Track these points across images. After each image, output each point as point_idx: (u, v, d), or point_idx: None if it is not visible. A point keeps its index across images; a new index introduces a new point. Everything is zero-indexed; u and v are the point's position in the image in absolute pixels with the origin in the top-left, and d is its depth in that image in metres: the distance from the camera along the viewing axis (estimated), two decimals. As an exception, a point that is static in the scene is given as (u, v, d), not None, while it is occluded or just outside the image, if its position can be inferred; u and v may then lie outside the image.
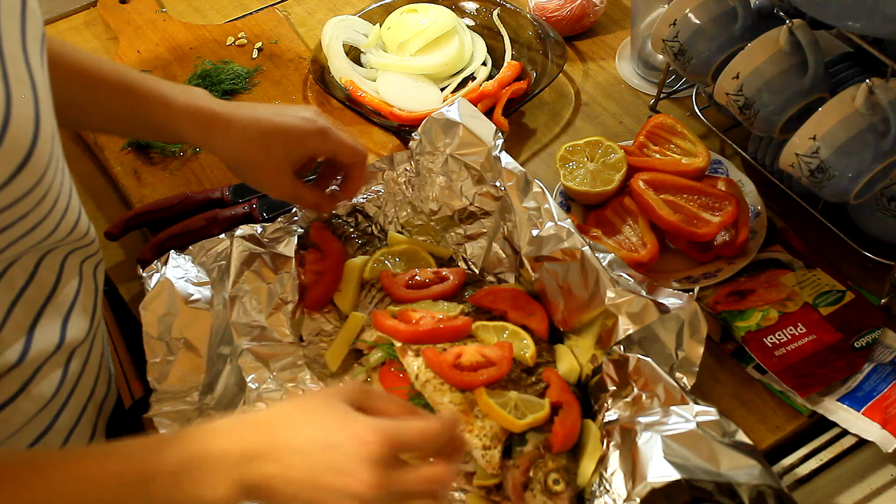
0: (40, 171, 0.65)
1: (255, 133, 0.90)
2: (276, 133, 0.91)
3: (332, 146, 0.94)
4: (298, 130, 0.91)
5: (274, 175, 0.93)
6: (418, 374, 0.90)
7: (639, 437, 0.79)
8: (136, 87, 0.90)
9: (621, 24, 1.41)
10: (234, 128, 0.90)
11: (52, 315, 0.76)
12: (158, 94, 0.90)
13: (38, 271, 0.74)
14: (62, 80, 0.86)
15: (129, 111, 0.91)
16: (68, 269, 0.78)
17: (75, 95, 0.89)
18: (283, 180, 0.93)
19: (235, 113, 0.91)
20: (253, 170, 0.93)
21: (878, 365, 0.96)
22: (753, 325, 0.98)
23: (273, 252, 1.02)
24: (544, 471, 0.83)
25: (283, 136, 0.91)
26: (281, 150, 0.91)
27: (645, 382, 0.85)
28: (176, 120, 0.90)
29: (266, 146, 0.91)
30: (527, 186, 1.00)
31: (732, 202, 1.06)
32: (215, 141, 0.91)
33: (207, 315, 0.97)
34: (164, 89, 0.90)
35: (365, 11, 1.39)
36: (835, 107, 0.94)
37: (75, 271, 0.79)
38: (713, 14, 1.06)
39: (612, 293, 0.88)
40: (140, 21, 1.42)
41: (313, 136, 0.92)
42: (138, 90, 0.90)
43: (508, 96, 1.24)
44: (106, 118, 0.93)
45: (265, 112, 0.92)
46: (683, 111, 1.27)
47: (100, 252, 0.84)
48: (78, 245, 0.78)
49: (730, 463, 0.75)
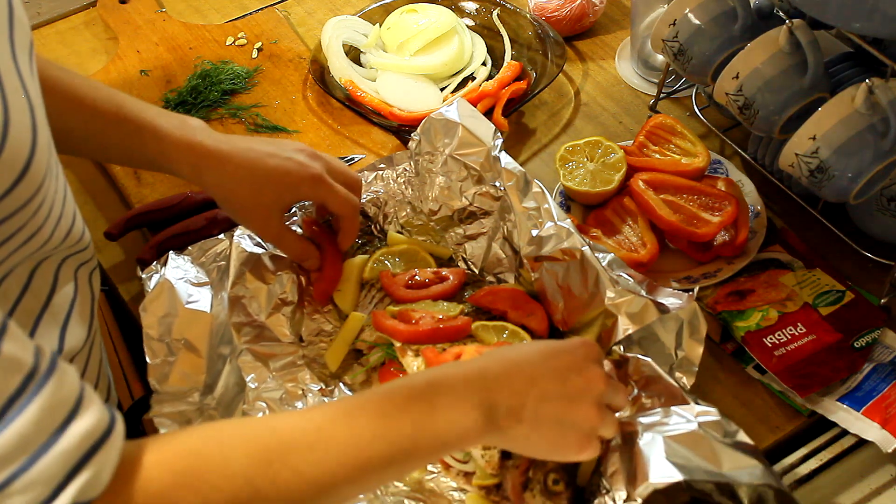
0: (39, 179, 0.65)
1: (245, 175, 0.90)
2: (267, 176, 0.90)
3: (324, 195, 0.93)
4: (290, 176, 0.91)
5: (262, 218, 0.93)
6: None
7: (640, 438, 0.78)
8: (130, 120, 0.89)
9: (621, 24, 1.41)
10: (225, 167, 0.90)
11: (49, 324, 0.76)
12: (151, 128, 0.89)
13: (32, 281, 0.73)
14: (59, 108, 0.86)
15: (123, 143, 0.90)
16: (63, 277, 0.78)
17: (71, 124, 0.89)
18: (271, 224, 0.94)
19: (228, 151, 0.90)
20: (241, 210, 0.93)
21: (878, 365, 0.96)
22: (753, 325, 0.98)
23: (273, 252, 1.02)
24: (544, 471, 0.83)
25: (274, 180, 0.91)
26: (271, 194, 0.91)
27: (645, 382, 0.85)
28: (168, 154, 0.90)
29: (256, 189, 0.91)
30: (526, 186, 1.00)
31: (732, 202, 1.06)
32: (206, 178, 0.91)
33: (207, 315, 0.97)
34: (158, 122, 0.90)
35: (365, 11, 1.39)
36: (835, 107, 0.94)
37: (70, 279, 0.79)
38: (713, 14, 1.06)
39: (611, 293, 0.88)
40: (140, 21, 1.42)
41: (305, 182, 0.92)
42: (132, 122, 0.89)
43: (508, 96, 1.24)
44: (100, 148, 0.93)
45: (258, 152, 0.91)
46: (683, 111, 1.27)
47: (94, 258, 0.84)
48: (72, 251, 0.78)
49: (732, 463, 0.75)
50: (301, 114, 1.28)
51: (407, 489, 0.88)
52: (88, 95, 0.89)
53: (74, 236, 0.77)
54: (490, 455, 0.84)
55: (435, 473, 0.90)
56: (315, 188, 0.92)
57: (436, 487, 0.89)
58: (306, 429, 0.65)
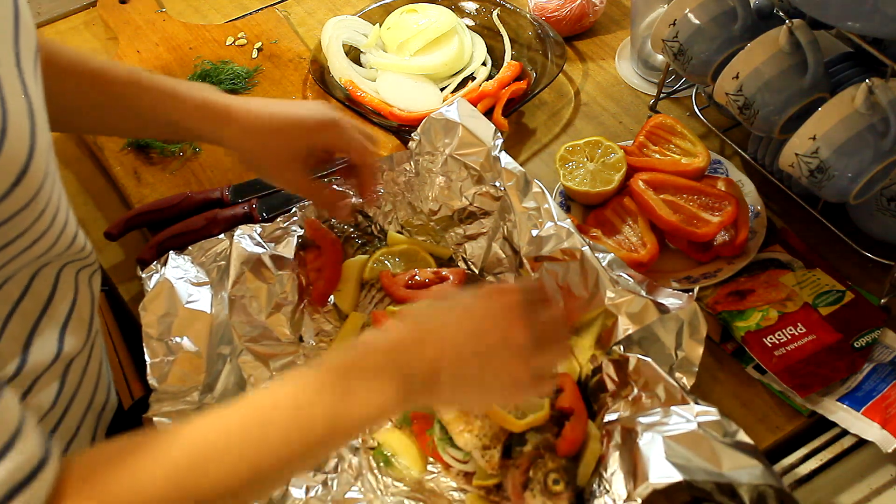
0: (37, 183, 0.65)
1: (264, 125, 0.91)
2: (285, 124, 0.91)
3: (337, 139, 0.93)
4: (308, 121, 0.92)
5: (286, 167, 0.93)
6: (418, 374, 0.90)
7: (640, 438, 0.79)
8: (146, 85, 0.90)
9: (621, 24, 1.41)
10: (244, 121, 0.90)
11: (49, 327, 0.76)
12: (169, 91, 0.90)
13: (32, 284, 0.73)
14: (80, 87, 0.88)
15: (141, 109, 0.91)
16: (64, 280, 0.78)
17: (86, 99, 0.90)
18: (296, 173, 0.93)
19: (246, 106, 0.91)
20: (264, 162, 0.93)
21: (878, 365, 0.95)
22: (753, 325, 0.98)
23: (273, 252, 1.02)
24: (544, 471, 0.83)
25: (292, 127, 0.91)
26: (291, 141, 0.91)
27: (645, 382, 0.85)
28: (187, 115, 0.91)
29: (276, 137, 0.91)
30: (526, 186, 1.00)
31: (732, 202, 1.06)
32: (226, 134, 0.91)
33: (207, 315, 0.97)
34: (174, 85, 0.91)
35: (365, 11, 1.39)
36: (835, 107, 0.94)
37: (71, 282, 0.79)
38: (713, 14, 1.06)
39: (611, 293, 0.88)
40: (140, 21, 1.42)
41: (323, 127, 0.92)
42: (148, 88, 0.90)
43: (508, 96, 1.24)
44: (117, 118, 0.93)
45: (276, 105, 0.93)
46: (683, 111, 1.27)
47: (96, 262, 0.84)
48: (75, 258, 0.78)
49: (731, 463, 0.75)
50: (301, 114, 1.28)
51: (407, 489, 0.88)
52: (108, 71, 0.90)
53: (78, 244, 0.78)
54: (490, 455, 0.84)
55: (435, 473, 0.90)
56: (333, 132, 0.92)
57: (436, 487, 0.89)
58: (218, 439, 0.65)
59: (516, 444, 0.85)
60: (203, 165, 1.21)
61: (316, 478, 0.88)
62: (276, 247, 1.04)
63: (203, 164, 1.21)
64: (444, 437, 0.88)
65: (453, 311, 0.73)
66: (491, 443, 0.84)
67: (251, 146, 0.92)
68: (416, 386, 0.70)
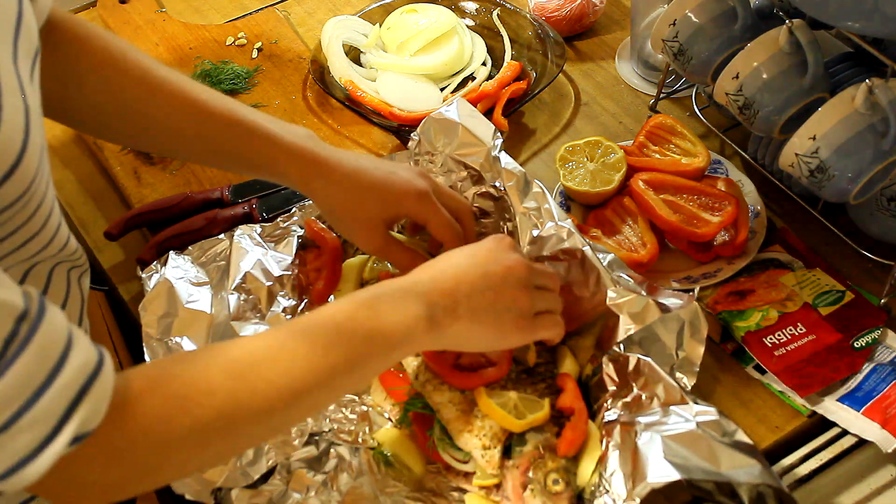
0: (28, 178, 0.65)
1: (353, 184, 0.90)
2: (373, 187, 0.90)
3: (427, 214, 0.91)
4: (396, 188, 0.90)
5: (365, 230, 0.91)
6: (418, 373, 0.90)
7: (638, 438, 0.79)
8: (243, 123, 0.89)
9: (621, 24, 1.41)
10: (333, 175, 0.90)
11: None
12: (264, 132, 0.89)
13: (25, 281, 0.74)
14: (168, 108, 0.88)
15: (234, 147, 0.90)
16: (56, 279, 0.78)
17: (181, 125, 0.90)
18: (375, 236, 0.92)
19: (337, 160, 0.90)
20: (346, 221, 0.92)
21: (878, 365, 0.95)
22: (753, 325, 0.98)
23: (273, 252, 1.02)
24: (544, 471, 0.83)
25: (378, 191, 0.90)
26: (374, 205, 0.90)
27: (645, 382, 0.85)
28: (278, 160, 0.90)
29: (361, 199, 0.90)
30: (527, 186, 1.00)
31: (732, 202, 1.06)
32: (314, 186, 0.90)
33: (207, 315, 0.97)
34: (270, 127, 0.90)
35: (365, 11, 1.39)
36: (834, 107, 0.94)
37: (63, 281, 0.80)
38: (713, 14, 1.06)
39: (613, 293, 0.88)
40: (140, 21, 1.42)
41: (411, 197, 0.90)
42: (244, 126, 0.89)
43: (508, 96, 1.24)
44: (208, 151, 0.92)
45: (367, 164, 0.92)
46: (683, 111, 1.27)
47: (86, 263, 0.84)
48: (65, 259, 0.79)
49: (730, 462, 0.75)
50: (301, 114, 1.28)
51: (407, 489, 0.88)
52: (200, 97, 0.89)
53: (71, 247, 0.79)
54: (490, 455, 0.84)
55: (435, 473, 0.90)
56: (419, 205, 0.90)
57: (436, 487, 0.89)
58: (271, 345, 0.71)
59: (516, 444, 0.85)
60: (203, 165, 1.21)
61: (316, 478, 0.88)
62: (276, 247, 1.04)
63: (203, 164, 1.21)
64: (444, 437, 0.88)
65: (461, 254, 0.82)
66: (491, 443, 0.85)
67: (334, 203, 0.91)
68: (438, 315, 0.76)
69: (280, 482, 0.87)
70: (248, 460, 0.87)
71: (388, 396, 0.94)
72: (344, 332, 0.73)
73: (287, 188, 1.14)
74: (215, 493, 0.85)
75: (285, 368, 0.69)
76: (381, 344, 0.74)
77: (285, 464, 0.88)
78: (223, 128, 0.89)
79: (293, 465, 0.88)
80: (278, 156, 0.89)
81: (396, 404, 0.93)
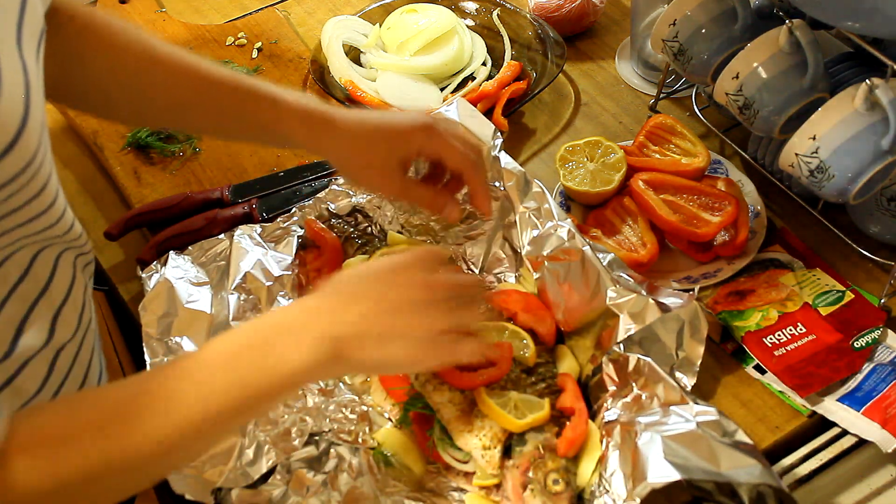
0: (29, 154, 0.67)
1: (359, 132, 0.90)
2: (379, 131, 0.91)
3: (438, 147, 0.91)
4: (402, 127, 0.91)
5: (381, 173, 0.91)
6: (418, 374, 0.90)
7: (638, 438, 0.79)
8: (247, 89, 0.90)
9: (621, 24, 1.41)
10: (339, 129, 0.90)
11: (43, 311, 0.77)
12: (269, 96, 0.90)
13: (32, 266, 0.75)
14: (174, 80, 0.89)
15: (238, 111, 0.91)
16: (62, 265, 0.79)
17: (186, 96, 0.91)
18: (392, 178, 0.91)
19: (341, 115, 0.91)
20: (360, 169, 0.93)
21: (878, 365, 0.95)
22: (753, 325, 0.98)
23: (273, 252, 1.02)
24: (544, 471, 0.83)
25: (386, 133, 0.91)
26: (385, 147, 0.91)
27: (645, 382, 0.85)
28: (284, 120, 0.90)
29: (370, 144, 0.91)
30: (527, 186, 1.00)
31: (732, 202, 1.06)
32: (322, 142, 0.91)
33: (207, 315, 0.97)
34: (274, 91, 0.91)
35: (365, 11, 1.39)
36: (834, 107, 0.94)
37: (69, 267, 0.81)
38: (713, 14, 1.06)
39: (613, 293, 0.88)
40: (140, 21, 1.42)
41: (418, 132, 0.90)
42: (249, 91, 0.90)
43: (508, 96, 1.24)
44: (213, 119, 0.94)
45: (373, 115, 0.94)
46: (683, 111, 1.27)
47: (91, 252, 0.85)
48: (72, 245, 0.80)
49: (730, 462, 0.75)
50: (301, 114, 1.28)
51: (407, 489, 0.88)
52: (201, 67, 0.90)
53: (76, 232, 0.79)
54: (490, 455, 0.84)
55: (435, 473, 0.90)
56: (428, 139, 0.90)
57: (436, 487, 0.89)
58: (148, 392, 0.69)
59: (516, 444, 0.85)
60: (203, 165, 1.21)
61: (316, 478, 0.88)
62: (276, 247, 1.04)
63: (203, 164, 1.21)
64: (444, 437, 0.88)
65: (371, 278, 0.78)
66: (491, 443, 0.84)
67: (349, 155, 0.92)
68: (343, 347, 0.72)
69: (280, 482, 0.87)
70: (248, 460, 0.87)
71: (388, 396, 0.94)
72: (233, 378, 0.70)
73: (287, 188, 1.14)
74: (215, 493, 0.85)
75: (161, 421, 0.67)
76: (273, 387, 0.71)
77: (285, 464, 0.88)
78: (227, 94, 0.90)
79: (293, 465, 0.88)
80: (283, 116, 0.90)
81: (396, 404, 0.93)
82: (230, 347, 0.72)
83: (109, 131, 1.25)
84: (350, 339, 0.73)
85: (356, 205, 1.09)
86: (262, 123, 0.91)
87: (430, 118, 0.92)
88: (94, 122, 1.26)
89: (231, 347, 0.72)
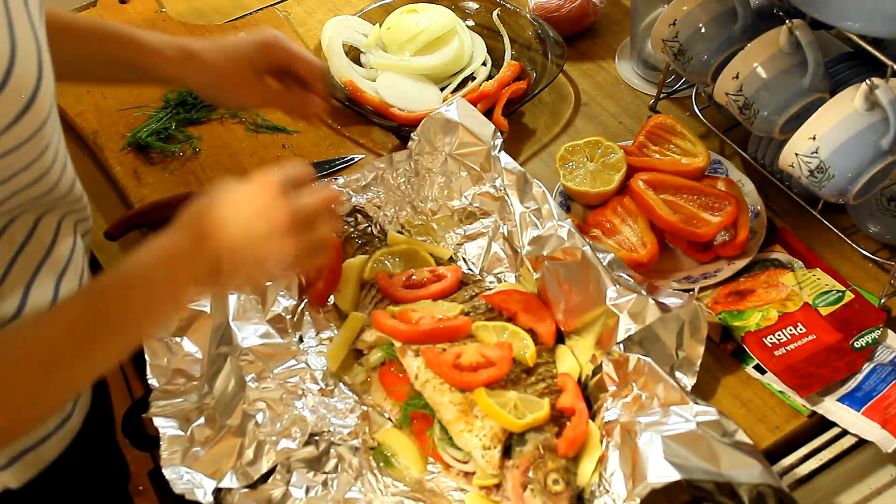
0: (42, 116, 0.70)
1: (218, 57, 0.99)
2: (235, 49, 0.99)
3: (290, 57, 1.00)
4: (253, 43, 1.00)
5: (242, 86, 1.00)
6: (418, 374, 0.90)
7: (639, 438, 0.79)
8: (108, 33, 0.97)
9: (621, 24, 1.41)
10: (201, 59, 0.98)
11: (48, 273, 0.80)
12: (129, 37, 0.97)
13: (36, 229, 0.78)
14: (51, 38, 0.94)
15: (104, 56, 0.97)
16: (64, 229, 0.83)
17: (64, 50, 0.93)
18: (254, 90, 1.01)
19: (201, 46, 0.99)
20: (223, 89, 1.01)
21: (878, 365, 0.95)
22: (753, 325, 0.98)
23: (273, 252, 1.02)
24: (544, 471, 0.83)
25: (242, 51, 0.99)
26: (245, 64, 0.99)
27: (645, 382, 0.85)
28: (149, 59, 0.97)
29: (230, 64, 0.99)
30: (526, 186, 1.00)
31: (732, 202, 1.06)
32: (189, 74, 0.98)
33: (207, 315, 0.97)
34: (132, 31, 0.98)
35: (365, 11, 1.39)
36: (834, 107, 0.94)
37: (70, 232, 0.84)
38: (713, 14, 1.06)
39: (613, 293, 0.88)
40: (140, 21, 1.42)
41: (271, 46, 1.00)
42: (113, 33, 0.97)
43: (508, 96, 1.24)
44: (87, 65, 0.98)
45: (225, 40, 1.01)
46: (683, 111, 1.27)
47: (90, 219, 0.90)
48: (73, 208, 0.83)
49: (730, 462, 0.75)
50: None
51: (407, 489, 0.88)
52: (72, 21, 0.96)
53: (77, 194, 0.83)
54: (490, 455, 0.84)
55: (435, 473, 0.90)
56: (281, 50, 1.00)
57: (436, 487, 0.89)
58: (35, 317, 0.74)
59: (516, 444, 0.85)
60: (203, 165, 1.21)
61: (316, 478, 0.88)
62: (276, 247, 1.03)
63: (203, 164, 1.21)
64: (444, 437, 0.88)
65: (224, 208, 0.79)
66: (491, 443, 0.84)
67: (215, 77, 0.99)
68: (202, 279, 0.76)
69: (280, 482, 0.87)
70: (248, 460, 0.87)
71: (388, 396, 0.94)
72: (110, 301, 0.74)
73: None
74: (215, 493, 0.85)
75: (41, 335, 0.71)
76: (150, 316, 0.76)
77: (285, 464, 0.88)
78: (95, 42, 0.96)
79: (293, 465, 0.88)
80: (148, 56, 0.97)
81: (396, 404, 0.93)
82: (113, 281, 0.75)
83: (109, 131, 1.25)
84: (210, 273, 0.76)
85: (356, 205, 1.09)
86: (129, 65, 0.98)
87: (273, 31, 1.01)
88: (94, 122, 1.26)
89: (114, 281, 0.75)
